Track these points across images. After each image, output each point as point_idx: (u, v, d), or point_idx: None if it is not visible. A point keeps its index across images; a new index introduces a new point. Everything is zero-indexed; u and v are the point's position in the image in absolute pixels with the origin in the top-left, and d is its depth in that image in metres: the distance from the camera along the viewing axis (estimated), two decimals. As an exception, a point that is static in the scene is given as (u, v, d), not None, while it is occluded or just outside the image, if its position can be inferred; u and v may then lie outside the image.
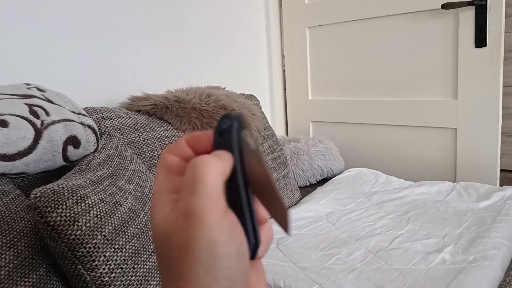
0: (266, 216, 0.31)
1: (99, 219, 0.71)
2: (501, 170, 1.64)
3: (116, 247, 0.72)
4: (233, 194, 0.30)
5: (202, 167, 0.27)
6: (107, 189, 0.76)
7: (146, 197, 0.83)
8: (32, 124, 0.77)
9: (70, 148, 0.82)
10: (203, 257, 0.26)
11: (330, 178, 1.74)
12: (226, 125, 0.30)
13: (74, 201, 0.70)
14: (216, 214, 0.26)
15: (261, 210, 0.31)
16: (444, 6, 1.57)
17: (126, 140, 1.07)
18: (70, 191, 0.70)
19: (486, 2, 1.49)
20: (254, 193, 0.31)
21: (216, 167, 0.28)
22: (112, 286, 0.70)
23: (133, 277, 0.72)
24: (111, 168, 0.82)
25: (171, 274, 0.27)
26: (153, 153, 1.11)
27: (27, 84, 0.90)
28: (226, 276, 0.26)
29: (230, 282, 0.26)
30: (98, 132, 0.91)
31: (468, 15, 1.55)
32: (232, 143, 0.30)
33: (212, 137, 0.31)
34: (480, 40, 1.54)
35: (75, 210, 0.69)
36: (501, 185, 1.55)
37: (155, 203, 0.29)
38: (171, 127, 1.21)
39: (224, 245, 0.26)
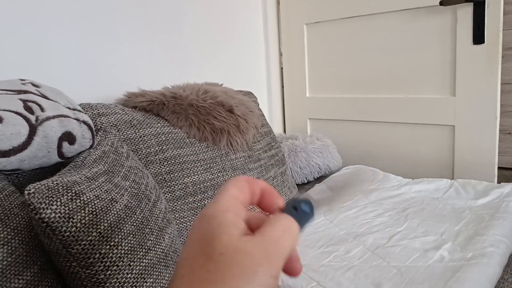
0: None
1: (94, 216, 0.70)
2: (498, 167, 1.64)
3: (111, 244, 0.71)
4: None
5: (293, 230, 0.31)
6: (103, 186, 0.75)
7: (142, 194, 0.83)
8: (27, 120, 0.76)
9: (66, 145, 0.81)
10: (259, 282, 0.28)
11: (328, 176, 1.73)
12: (307, 208, 0.34)
13: (69, 198, 0.69)
14: (279, 271, 0.29)
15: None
16: (442, 3, 1.56)
17: (122, 136, 1.06)
18: (65, 187, 0.69)
19: (485, -1, 1.49)
20: None
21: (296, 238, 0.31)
22: (108, 283, 0.69)
23: (129, 275, 0.71)
24: (106, 165, 0.81)
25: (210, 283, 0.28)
26: (150, 149, 1.10)
27: (22, 80, 0.89)
28: None
29: None
30: (93, 128, 0.90)
31: (466, 12, 1.55)
32: (304, 226, 0.34)
33: (283, 205, 0.35)
34: (478, 37, 1.53)
35: (70, 206, 0.68)
36: (498, 182, 1.54)
37: (232, 220, 0.31)
38: (168, 124, 1.20)
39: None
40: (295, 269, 0.33)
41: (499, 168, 1.65)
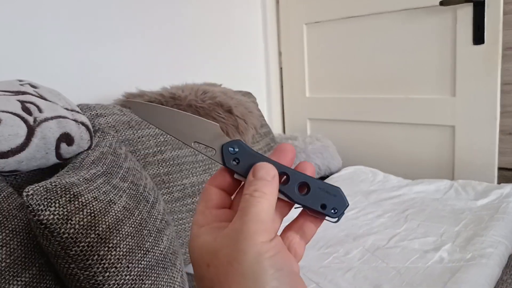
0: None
1: (92, 217, 0.70)
2: (499, 168, 1.63)
3: (110, 246, 0.70)
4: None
5: (256, 198, 0.31)
6: (101, 187, 0.75)
7: (141, 195, 0.82)
8: (25, 121, 0.76)
9: (64, 146, 0.81)
10: (251, 267, 0.28)
11: (328, 176, 1.73)
12: (231, 149, 0.35)
13: (67, 199, 0.69)
14: (265, 235, 0.30)
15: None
16: (442, 3, 1.56)
17: (120, 137, 1.06)
18: (63, 189, 0.69)
19: (485, -1, 1.49)
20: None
21: (270, 198, 0.32)
22: (106, 285, 0.69)
23: (127, 276, 0.71)
24: (105, 166, 0.81)
25: None
26: (148, 151, 1.10)
27: (20, 81, 0.88)
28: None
29: None
30: (92, 129, 0.90)
31: (466, 12, 1.55)
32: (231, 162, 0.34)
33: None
34: (478, 38, 1.53)
35: (68, 208, 0.68)
36: (498, 183, 1.54)
37: (197, 232, 0.33)
38: (167, 125, 1.20)
39: (270, 258, 0.29)
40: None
41: (499, 168, 1.64)
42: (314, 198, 0.34)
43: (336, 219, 0.34)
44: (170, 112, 0.35)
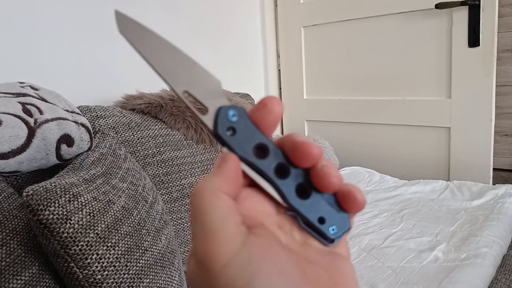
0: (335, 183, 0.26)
1: (91, 217, 0.71)
2: (494, 169, 1.65)
3: (108, 245, 0.72)
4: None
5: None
6: (100, 188, 0.76)
7: (140, 196, 0.84)
8: (26, 123, 0.77)
9: (64, 147, 0.82)
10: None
11: (325, 177, 1.74)
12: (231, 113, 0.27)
13: (66, 199, 0.70)
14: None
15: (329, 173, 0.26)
16: (438, 6, 1.57)
17: (120, 138, 1.07)
18: (63, 189, 0.70)
19: (480, 2, 1.50)
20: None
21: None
22: (105, 284, 0.70)
23: (126, 275, 0.72)
24: (104, 167, 0.82)
25: None
26: (147, 151, 1.11)
27: (21, 83, 0.90)
28: None
29: None
30: (91, 131, 0.91)
31: (461, 15, 1.56)
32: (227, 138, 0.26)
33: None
34: (474, 40, 1.55)
35: (68, 208, 0.69)
36: (494, 183, 1.56)
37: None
38: (166, 126, 1.21)
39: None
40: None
41: (496, 169, 1.65)
42: (313, 205, 0.26)
43: (332, 242, 0.27)
44: (167, 45, 0.28)
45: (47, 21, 1.23)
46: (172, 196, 1.12)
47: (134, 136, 1.11)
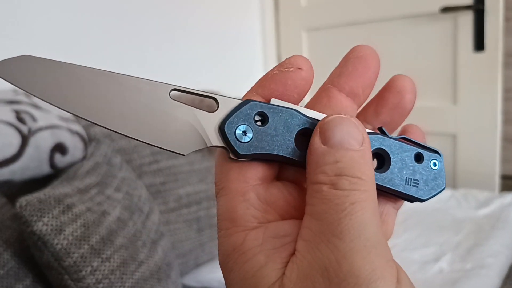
0: None
1: (86, 228, 0.69)
2: (503, 176, 1.61)
3: (103, 257, 0.70)
4: None
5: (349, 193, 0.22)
6: (95, 198, 0.74)
7: (135, 206, 0.82)
8: (19, 131, 0.75)
9: (57, 155, 0.81)
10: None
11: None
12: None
13: (60, 210, 0.68)
14: (388, 276, 0.21)
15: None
16: (443, 10, 1.55)
17: (115, 146, 1.05)
18: (57, 200, 0.69)
19: (484, 6, 1.48)
20: None
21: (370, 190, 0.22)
22: (99, 297, 0.68)
23: (121, 289, 0.70)
24: (99, 176, 0.81)
25: None
26: (143, 160, 1.09)
27: (14, 90, 0.88)
28: None
29: None
30: (86, 139, 0.89)
31: (466, 19, 1.54)
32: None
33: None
34: (479, 44, 1.53)
35: (62, 219, 0.68)
36: (502, 191, 1.53)
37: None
38: (165, 133, 1.20)
39: None
40: None
41: (504, 177, 1.62)
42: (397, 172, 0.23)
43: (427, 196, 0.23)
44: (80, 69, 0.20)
45: (41, 23, 1.22)
46: (168, 206, 1.10)
47: (129, 144, 1.08)
